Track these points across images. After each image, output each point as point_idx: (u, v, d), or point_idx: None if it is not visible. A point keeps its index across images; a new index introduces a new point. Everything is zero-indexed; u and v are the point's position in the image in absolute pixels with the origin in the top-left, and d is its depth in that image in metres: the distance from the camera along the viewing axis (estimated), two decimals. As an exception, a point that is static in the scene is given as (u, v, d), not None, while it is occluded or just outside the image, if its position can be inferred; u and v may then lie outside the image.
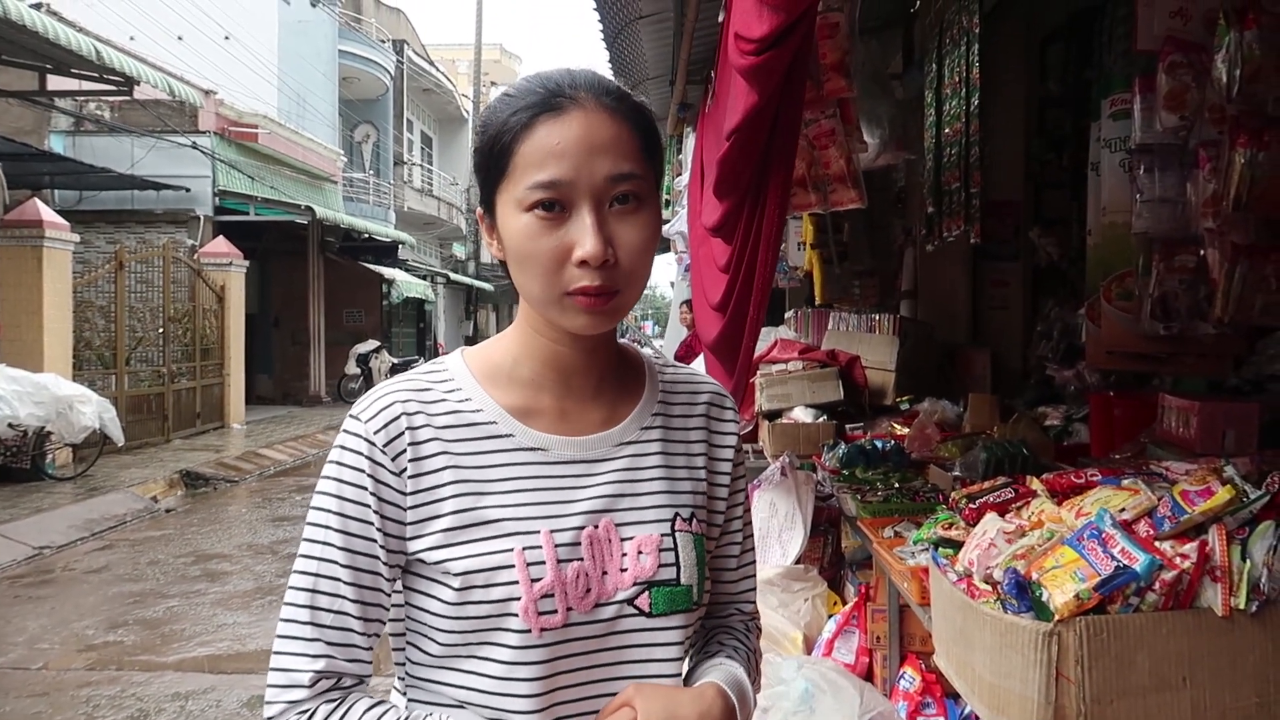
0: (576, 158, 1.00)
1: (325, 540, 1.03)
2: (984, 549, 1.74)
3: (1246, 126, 2.17)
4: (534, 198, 1.00)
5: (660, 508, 1.11)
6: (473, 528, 1.03)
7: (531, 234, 1.01)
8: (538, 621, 1.01)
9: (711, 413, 1.21)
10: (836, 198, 3.19)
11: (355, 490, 1.03)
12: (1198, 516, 1.55)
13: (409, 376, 1.11)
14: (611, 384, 1.15)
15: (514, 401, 1.10)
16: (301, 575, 1.04)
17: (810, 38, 2.23)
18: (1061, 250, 4.47)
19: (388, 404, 1.06)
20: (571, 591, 1.03)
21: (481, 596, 1.01)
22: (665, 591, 1.08)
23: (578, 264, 1.00)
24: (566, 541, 1.05)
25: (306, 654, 1.01)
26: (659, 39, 5.51)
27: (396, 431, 1.04)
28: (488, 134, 1.05)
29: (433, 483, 1.04)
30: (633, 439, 1.13)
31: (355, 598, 1.03)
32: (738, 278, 2.81)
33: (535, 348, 1.11)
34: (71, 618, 5.88)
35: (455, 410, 1.08)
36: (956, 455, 3.19)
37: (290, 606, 1.03)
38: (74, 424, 9.38)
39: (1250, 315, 2.28)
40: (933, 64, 4.05)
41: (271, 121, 17.44)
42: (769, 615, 3.29)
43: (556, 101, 1.01)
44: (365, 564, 1.03)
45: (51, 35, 9.33)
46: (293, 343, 19.26)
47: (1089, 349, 3.21)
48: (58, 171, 13.35)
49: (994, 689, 1.58)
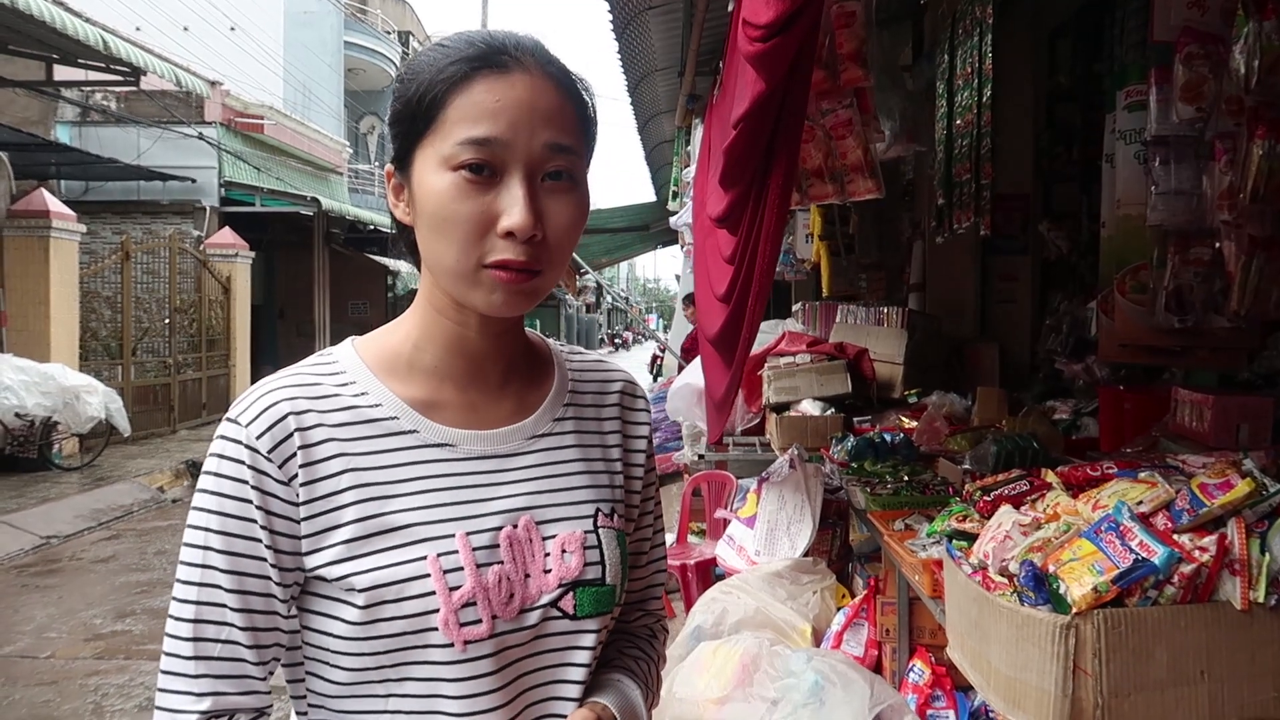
0: (516, 120, 0.91)
1: (206, 563, 0.91)
2: (999, 541, 1.73)
3: (1265, 118, 2.16)
4: (463, 155, 0.90)
5: (582, 503, 1.04)
6: (378, 536, 0.93)
7: (455, 195, 0.90)
8: (460, 634, 0.92)
9: (624, 402, 1.14)
10: (854, 188, 3.18)
11: (237, 504, 0.91)
12: (1216, 510, 1.54)
13: (292, 371, 0.99)
14: (520, 373, 1.07)
15: (416, 394, 1.00)
16: (182, 604, 0.92)
17: (816, 25, 2.22)
18: (1070, 244, 4.46)
19: (271, 403, 0.94)
20: (495, 598, 0.94)
21: (393, 612, 0.91)
22: (590, 592, 1.00)
23: (502, 235, 0.91)
24: (484, 544, 0.96)
25: (191, 692, 0.91)
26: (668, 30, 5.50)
27: (283, 434, 0.93)
28: (416, 81, 0.93)
29: (329, 489, 0.93)
30: (546, 431, 1.05)
31: (245, 624, 0.92)
32: (741, 269, 2.81)
33: (438, 332, 1.01)
34: (79, 607, 5.90)
35: (350, 406, 0.97)
36: (966, 448, 3.18)
37: (172, 639, 0.92)
38: (80, 414, 9.39)
39: (1266, 308, 2.27)
40: (944, 55, 4.03)
41: (277, 113, 17.43)
42: (777, 607, 3.29)
43: (501, 59, 0.92)
44: (255, 585, 0.92)
45: (59, 25, 9.32)
46: (298, 334, 19.27)
47: (1102, 342, 3.20)
48: (64, 162, 13.34)
49: (1010, 682, 1.57)
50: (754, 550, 3.78)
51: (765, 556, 3.69)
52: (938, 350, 4.89)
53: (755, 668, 2.79)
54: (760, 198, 2.59)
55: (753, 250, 2.67)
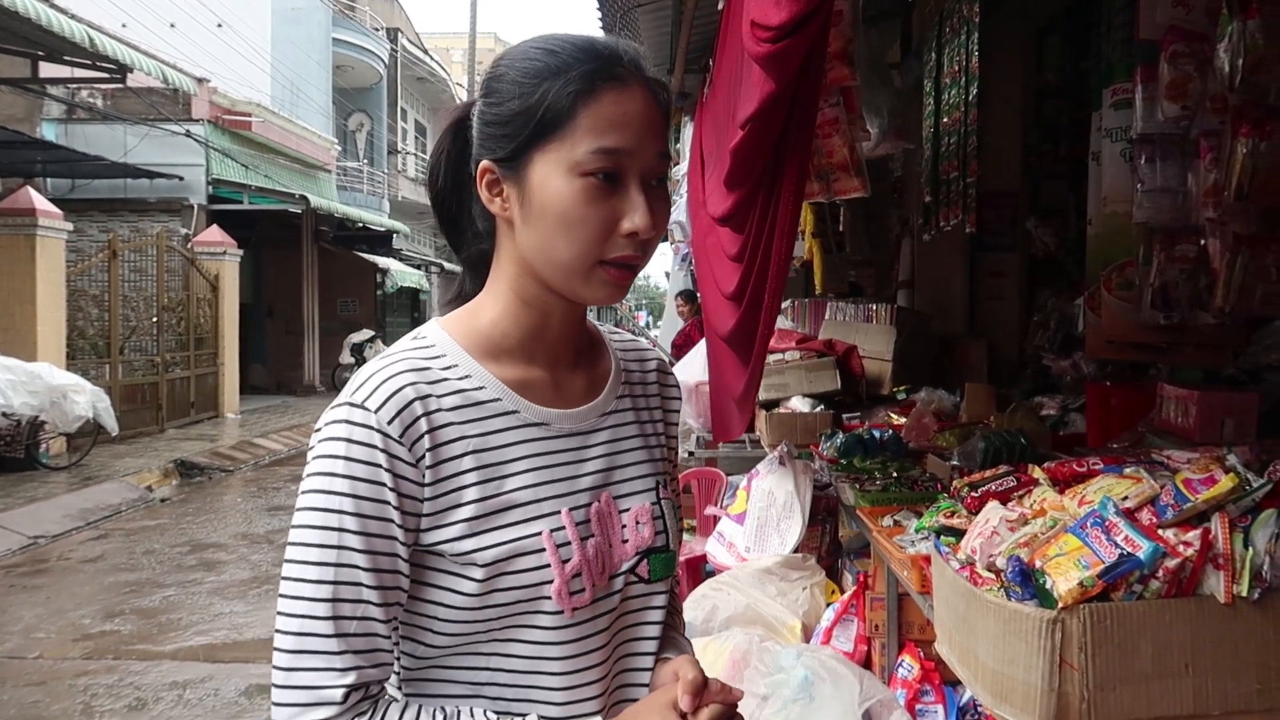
0: (638, 131, 0.99)
1: (341, 544, 0.94)
2: (987, 537, 1.74)
3: (1249, 116, 2.17)
4: (596, 164, 0.97)
5: (645, 477, 1.13)
6: (498, 513, 1.00)
7: (585, 199, 0.98)
8: (570, 602, 1.00)
9: (661, 379, 1.23)
10: (840, 186, 3.19)
11: (372, 487, 0.95)
12: (1201, 505, 1.56)
13: (400, 355, 1.02)
14: (586, 354, 1.15)
15: (511, 375, 1.06)
16: (317, 585, 0.94)
17: (828, 25, 2.21)
18: (1058, 241, 4.48)
19: (397, 388, 0.98)
20: (594, 568, 1.03)
21: (511, 583, 0.98)
22: (660, 558, 1.10)
23: (625, 235, 0.99)
24: (581, 519, 1.04)
25: (334, 668, 0.93)
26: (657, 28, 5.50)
27: (410, 418, 0.97)
28: (533, 89, 0.99)
29: (453, 469, 0.99)
30: (613, 409, 1.14)
31: (380, 601, 0.96)
32: (753, 267, 2.80)
33: (524, 318, 1.07)
34: (68, 607, 5.88)
35: (459, 390, 1.02)
36: (954, 445, 3.19)
37: (304, 619, 0.94)
38: (68, 413, 9.35)
39: (1251, 305, 2.28)
40: (932, 53, 4.04)
41: (265, 110, 17.36)
42: (767, 604, 3.30)
43: (619, 71, 0.99)
44: (387, 564, 0.96)
45: (44, 21, 9.26)
46: (287, 332, 19.22)
47: (1089, 338, 3.21)
48: (50, 159, 13.27)
49: (997, 676, 1.58)
50: (744, 547, 3.80)
51: (755, 553, 3.70)
52: (926, 347, 4.91)
53: (745, 664, 2.80)
54: (771, 196, 2.58)
55: (766, 248, 2.66)
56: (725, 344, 3.50)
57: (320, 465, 0.97)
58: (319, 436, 0.99)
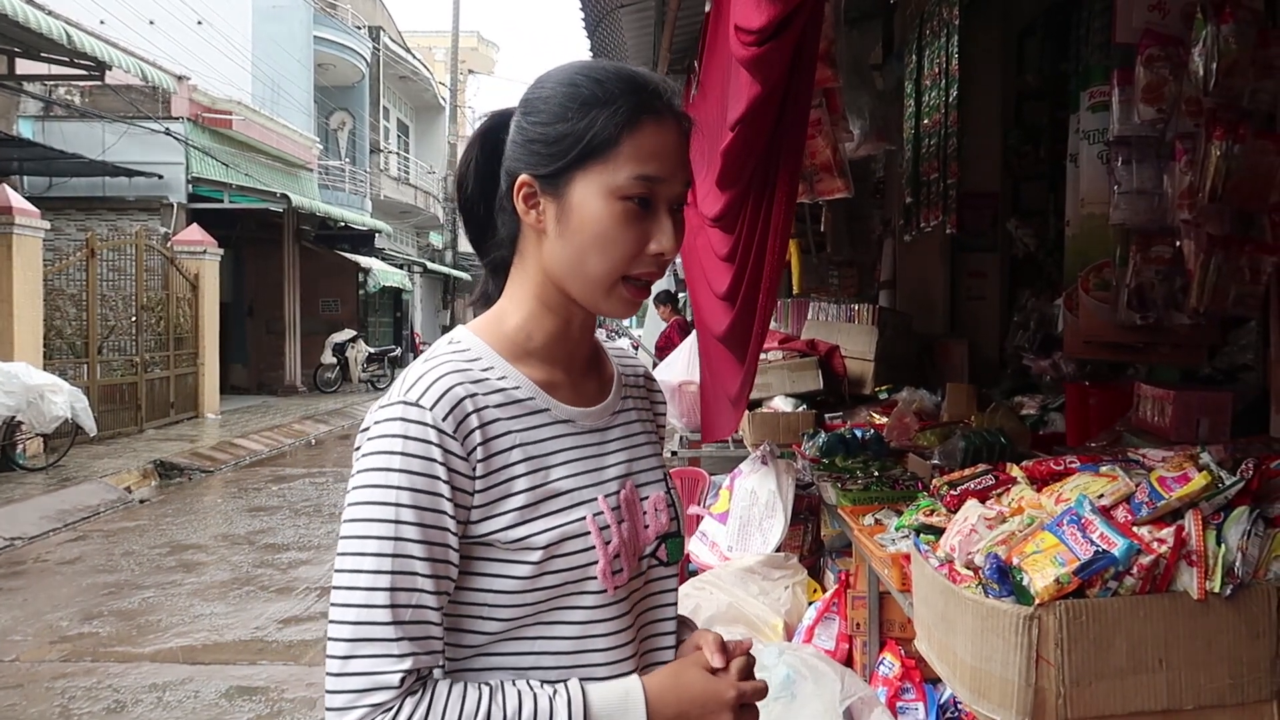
0: (673, 162, 1.09)
1: (399, 535, 1.00)
2: (965, 535, 1.76)
3: (1222, 119, 2.20)
4: (635, 189, 1.07)
5: (656, 468, 1.23)
6: (547, 500, 1.08)
7: (621, 221, 1.07)
8: (612, 581, 1.09)
9: (647, 384, 1.33)
10: (823, 187, 3.21)
11: (428, 481, 1.01)
12: (1174, 502, 1.58)
13: (444, 357, 1.10)
14: (594, 359, 1.24)
15: (538, 376, 1.14)
16: (375, 575, 0.99)
17: (816, 26, 2.23)
18: (1038, 242, 4.52)
19: (448, 387, 1.05)
20: (628, 550, 1.12)
21: (561, 565, 1.06)
22: (675, 542, 1.21)
23: (652, 255, 1.09)
24: (614, 506, 1.13)
25: (391, 654, 0.98)
26: (640, 28, 5.50)
27: (462, 415, 1.05)
28: (580, 115, 1.07)
29: (503, 462, 1.07)
30: (621, 408, 1.23)
31: (433, 589, 1.01)
32: (746, 266, 2.81)
33: (547, 324, 1.16)
34: (45, 609, 5.83)
35: (499, 389, 1.10)
36: (935, 444, 3.22)
37: (363, 608, 0.99)
38: (45, 413, 9.25)
39: (1224, 305, 2.32)
40: (913, 55, 4.07)
41: (246, 108, 17.24)
42: (750, 602, 3.31)
43: (658, 105, 1.09)
44: (440, 554, 1.02)
45: (20, 18, 9.18)
46: (268, 332, 19.09)
47: (1067, 338, 3.25)
48: (27, 157, 13.13)
49: (975, 672, 1.60)
50: (726, 546, 3.81)
51: (738, 552, 3.71)
52: (908, 347, 4.94)
53: (727, 662, 2.81)
54: (763, 196, 2.60)
55: (760, 247, 2.68)
56: (720, 343, 3.50)
57: (376, 461, 1.02)
58: (372, 434, 1.04)
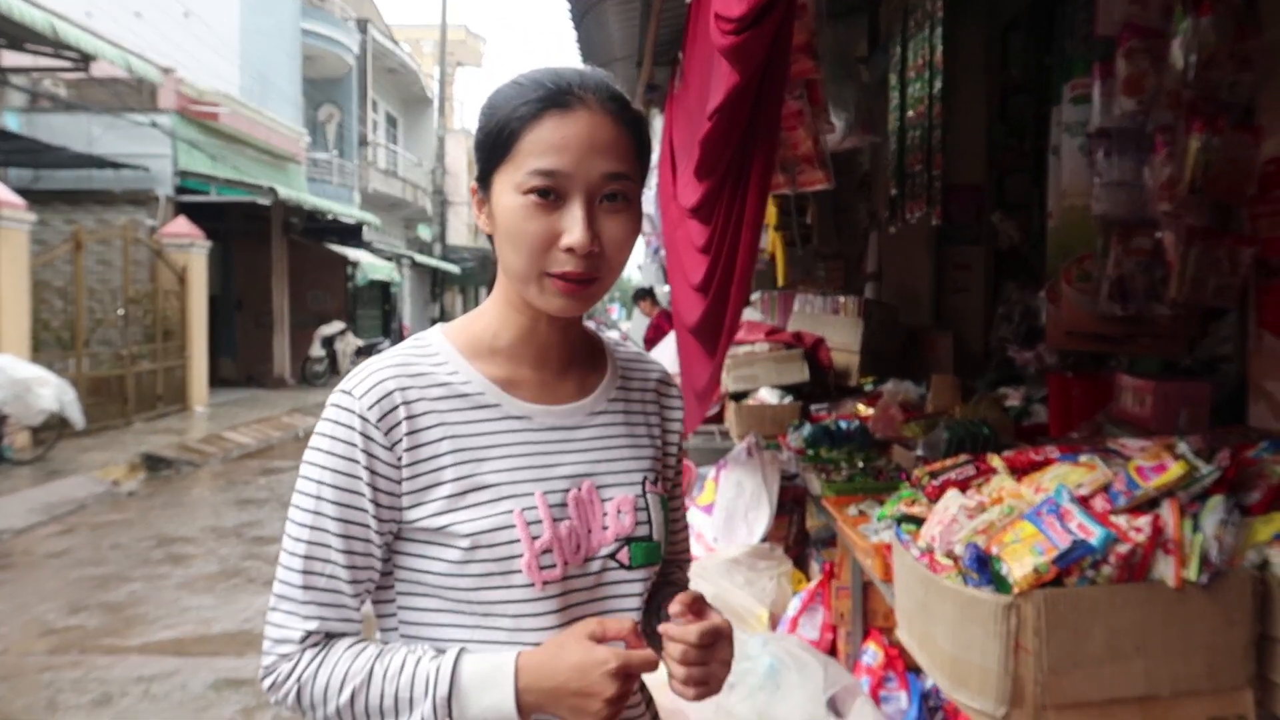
0: (577, 153, 1.08)
1: (318, 510, 1.10)
2: (945, 524, 1.77)
3: (1201, 112, 2.21)
4: (532, 183, 1.08)
5: (632, 471, 1.23)
6: (474, 492, 1.12)
7: (525, 215, 1.09)
8: (540, 575, 1.11)
9: (660, 389, 1.35)
10: (804, 179, 3.21)
11: (347, 464, 1.10)
12: (1151, 491, 1.59)
13: (396, 354, 1.16)
14: (580, 360, 1.26)
15: (497, 373, 1.18)
16: (295, 542, 1.11)
17: (790, 16, 2.24)
18: (1022, 234, 4.53)
19: (380, 380, 1.12)
20: (566, 547, 1.13)
21: (486, 555, 1.10)
22: (642, 547, 1.20)
23: (564, 250, 1.09)
24: (557, 502, 1.15)
25: (299, 614, 1.10)
26: (626, 20, 5.49)
27: (389, 407, 1.11)
28: (495, 117, 1.12)
29: (431, 453, 1.12)
30: (602, 409, 1.25)
31: (347, 563, 1.11)
32: (719, 259, 2.82)
33: (513, 323, 1.19)
34: (32, 602, 5.81)
35: (445, 383, 1.15)
36: (919, 435, 3.23)
37: (285, 571, 1.11)
38: (32, 406, 9.21)
39: (1203, 297, 2.33)
40: (897, 47, 4.08)
41: (233, 100, 17.14)
42: (735, 593, 3.33)
43: (565, 99, 1.09)
44: (357, 532, 1.11)
45: (4, 9, 9.11)
46: (256, 325, 19.01)
47: (1049, 330, 3.26)
48: (13, 150, 13.03)
49: (954, 661, 1.61)
50: (712, 537, 3.82)
51: (723, 543, 3.73)
52: (893, 339, 4.95)
53: (712, 652, 2.82)
54: (738, 187, 2.60)
55: (733, 239, 2.68)
56: (692, 335, 3.51)
57: (313, 442, 1.13)
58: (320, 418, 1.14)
